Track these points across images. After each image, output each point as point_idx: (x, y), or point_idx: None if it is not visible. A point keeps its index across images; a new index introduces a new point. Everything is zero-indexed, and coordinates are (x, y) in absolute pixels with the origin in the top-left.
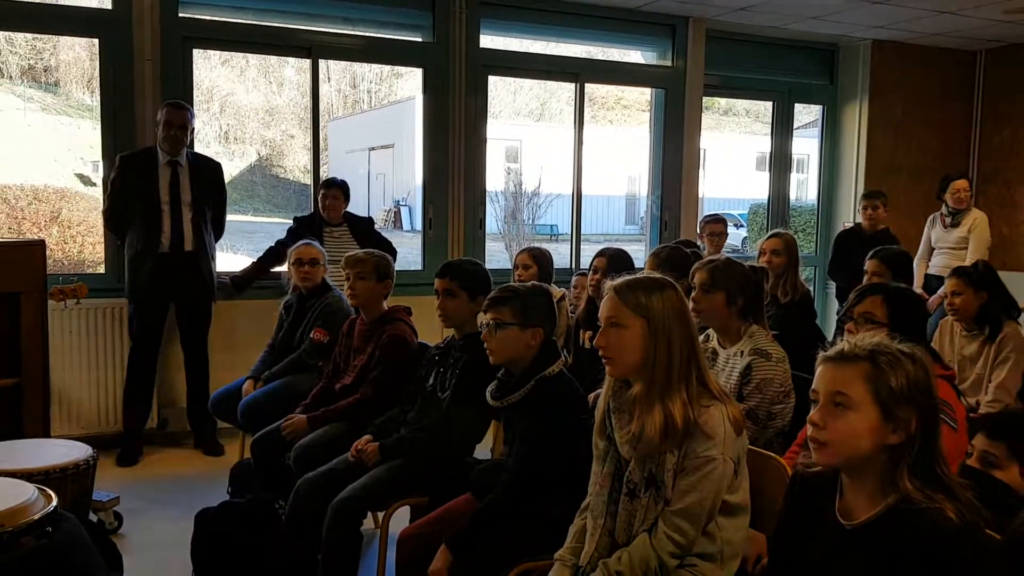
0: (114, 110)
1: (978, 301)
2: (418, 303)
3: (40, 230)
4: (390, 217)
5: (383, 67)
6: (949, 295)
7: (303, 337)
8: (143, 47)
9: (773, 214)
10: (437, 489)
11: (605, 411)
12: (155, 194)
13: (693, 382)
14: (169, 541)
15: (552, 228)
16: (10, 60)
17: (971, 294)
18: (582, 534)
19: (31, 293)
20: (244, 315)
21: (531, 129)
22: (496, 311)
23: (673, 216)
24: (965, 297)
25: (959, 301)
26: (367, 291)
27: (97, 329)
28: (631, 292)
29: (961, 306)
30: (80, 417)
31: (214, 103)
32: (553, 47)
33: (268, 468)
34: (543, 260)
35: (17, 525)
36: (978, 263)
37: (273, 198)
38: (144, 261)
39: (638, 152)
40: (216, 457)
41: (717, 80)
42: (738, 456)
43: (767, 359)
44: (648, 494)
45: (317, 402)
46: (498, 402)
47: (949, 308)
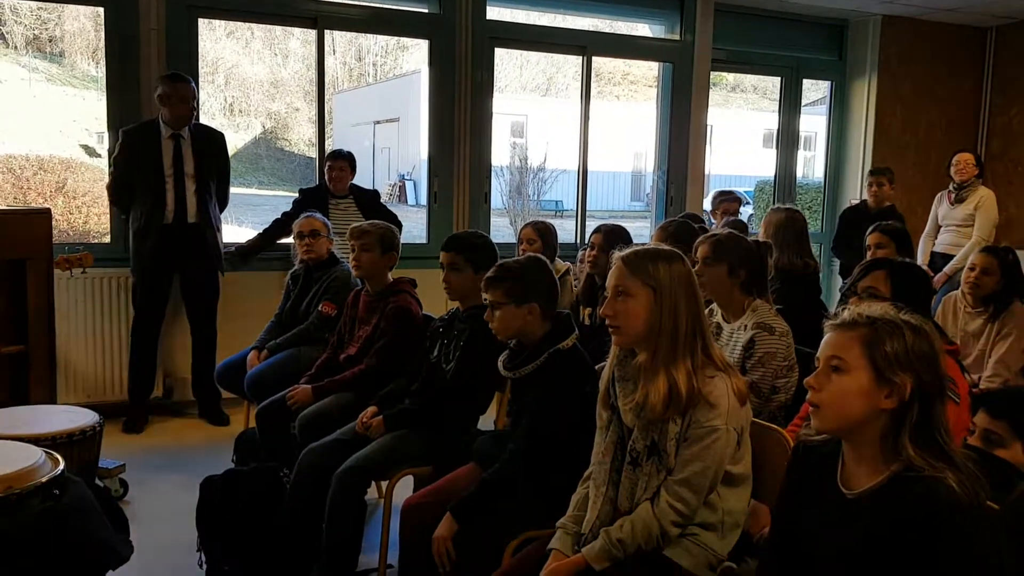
0: (119, 80)
1: (994, 281)
2: (423, 276)
3: (45, 200)
4: (395, 191)
5: (389, 40)
6: (978, 271)
7: (309, 308)
8: (148, 16)
9: (780, 191)
10: (440, 459)
11: (609, 380)
12: (158, 167)
13: (698, 352)
14: (174, 508)
15: (557, 204)
16: (15, 30)
17: (998, 275)
18: (584, 502)
19: (37, 261)
20: (250, 286)
21: (537, 104)
22: (491, 291)
23: (679, 191)
24: (994, 277)
25: (985, 280)
26: (372, 263)
27: (103, 298)
28: (639, 261)
29: (985, 283)
30: (86, 385)
31: (219, 75)
32: (560, 20)
33: (273, 437)
34: (547, 234)
35: (25, 487)
36: (1009, 249)
37: (278, 171)
38: (148, 234)
39: (644, 128)
40: (221, 427)
41: (725, 55)
42: (741, 427)
43: (770, 333)
44: (651, 463)
45: (322, 373)
46: (511, 373)
47: (970, 283)
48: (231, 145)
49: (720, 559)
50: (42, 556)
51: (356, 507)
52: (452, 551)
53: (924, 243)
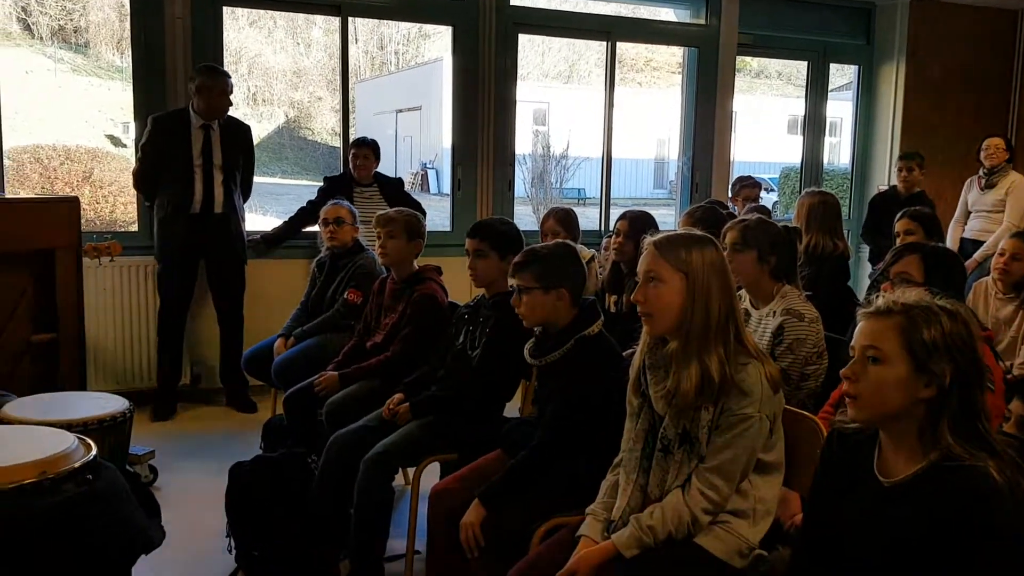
0: (144, 70)
1: None
2: (447, 264)
3: (73, 190)
4: (417, 180)
5: (410, 28)
6: (1008, 256)
7: (335, 296)
8: (173, 5)
9: (806, 177)
10: (467, 446)
11: (640, 367)
12: (187, 156)
13: (731, 339)
14: (203, 494)
15: (580, 192)
16: (40, 21)
17: None
18: (614, 489)
19: (66, 249)
20: (276, 274)
21: (559, 91)
22: (519, 276)
23: (704, 178)
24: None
25: (1016, 266)
26: (397, 250)
27: (131, 286)
28: (671, 247)
29: (1015, 269)
30: (115, 372)
31: (242, 65)
32: (584, 5)
33: (301, 424)
34: (569, 222)
35: (59, 472)
36: None
37: (301, 160)
38: (174, 222)
39: (667, 115)
40: (248, 414)
41: (751, 39)
42: (774, 414)
43: (800, 319)
44: (682, 450)
45: (349, 360)
46: (537, 360)
47: (1000, 269)
48: (255, 135)
49: (751, 547)
50: (75, 540)
51: (384, 493)
52: (480, 537)
53: (954, 229)
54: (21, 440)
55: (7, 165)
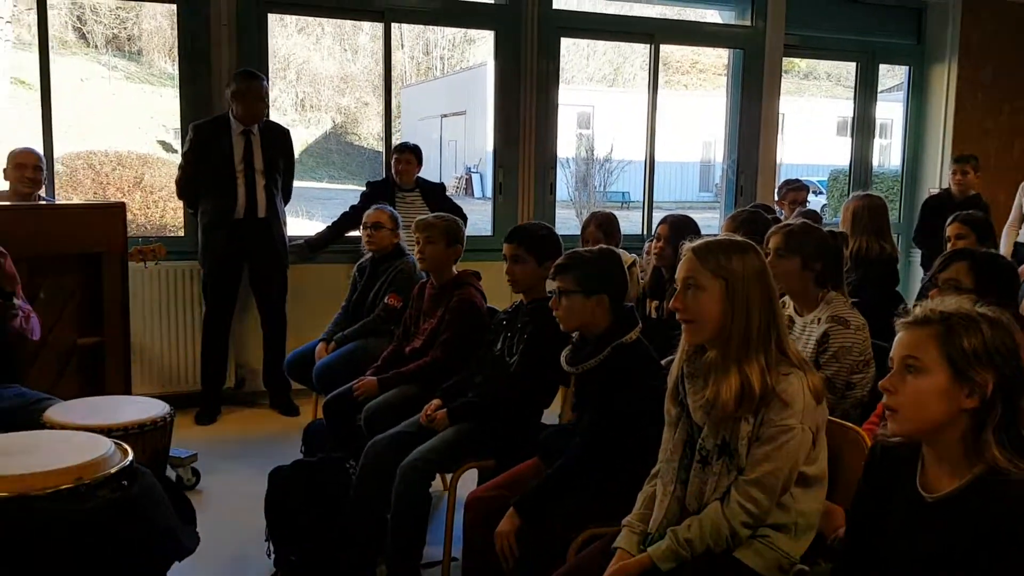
0: (191, 76)
1: None
2: (488, 268)
3: (124, 195)
4: (461, 184)
5: (456, 34)
6: None
7: (376, 300)
8: (219, 12)
9: (855, 180)
10: (504, 453)
11: (678, 376)
12: (229, 162)
13: (772, 348)
14: (244, 497)
15: (624, 195)
16: (95, 30)
17: None
18: (651, 501)
19: (112, 254)
20: (319, 278)
21: (604, 94)
22: (560, 278)
23: (750, 182)
24: None
25: None
26: (436, 255)
27: (176, 290)
28: (710, 253)
29: None
30: (160, 375)
31: (291, 71)
32: (628, 7)
33: (340, 428)
34: (610, 227)
35: (95, 478)
36: None
37: (347, 165)
38: (218, 228)
39: (712, 117)
40: (291, 417)
41: (797, 40)
42: (817, 426)
43: (845, 327)
44: (721, 462)
45: (387, 365)
46: (574, 368)
47: None
48: (302, 140)
49: (792, 561)
50: (109, 546)
51: (420, 500)
52: (515, 547)
53: (1007, 233)
54: (59, 445)
55: (60, 171)
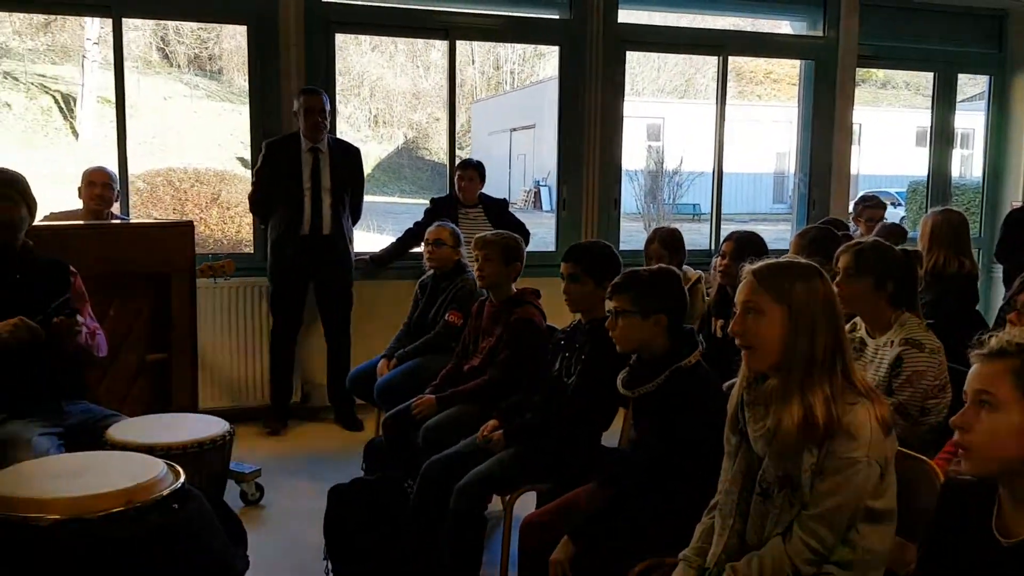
0: (261, 95)
1: None
2: (550, 285)
3: (201, 211)
4: (530, 198)
5: (526, 48)
6: None
7: (437, 317)
8: (288, 32)
9: (933, 192)
10: (561, 476)
11: (738, 404)
12: (298, 179)
13: (837, 377)
14: (306, 514)
15: (694, 207)
16: (178, 50)
17: None
18: (709, 533)
19: (181, 272)
20: (384, 294)
21: (674, 106)
22: (617, 298)
23: (822, 195)
24: None
25: None
26: (495, 273)
27: (246, 306)
28: (772, 277)
29: None
30: (230, 389)
31: (364, 88)
32: (695, 20)
33: (399, 446)
34: (674, 245)
35: (145, 501)
36: None
37: (418, 180)
38: (285, 244)
39: (786, 128)
40: (355, 432)
41: (872, 50)
42: (886, 459)
43: (920, 350)
44: (782, 495)
45: (446, 383)
46: (630, 392)
47: None
48: (375, 156)
49: None
50: (158, 570)
51: (476, 522)
52: (569, 575)
53: None
54: (112, 467)
55: (142, 188)
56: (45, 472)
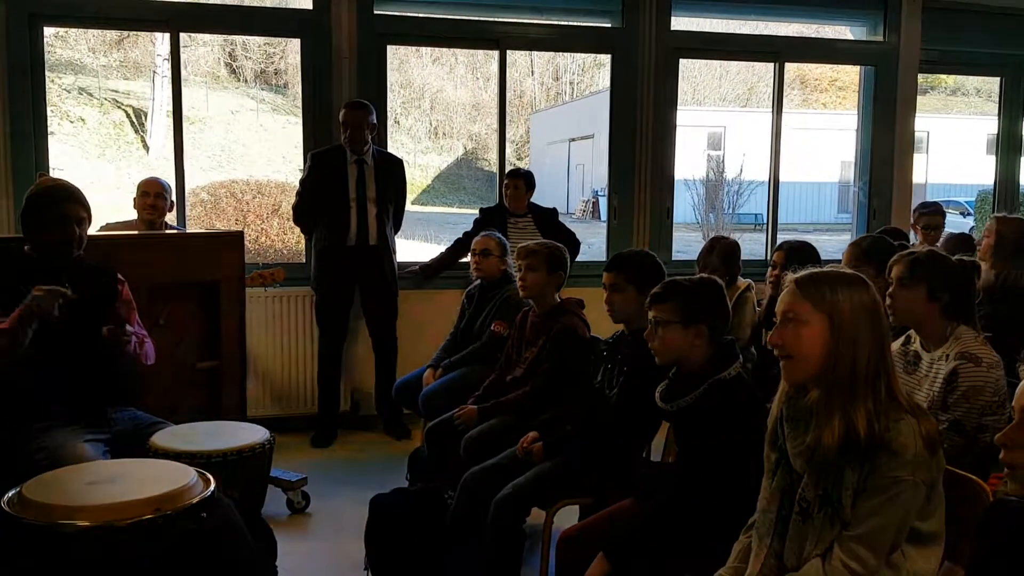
0: (313, 107)
1: None
2: (601, 295)
3: (262, 221)
4: (588, 207)
5: (586, 58)
6: None
7: (483, 327)
8: (341, 45)
9: (1000, 201)
10: (601, 490)
11: (778, 419)
12: (343, 191)
13: (881, 392)
14: (349, 523)
15: (756, 217)
16: (245, 65)
17: None
18: (746, 554)
19: (230, 281)
20: (433, 304)
21: (736, 115)
22: (657, 308)
23: (883, 204)
24: None
25: None
26: (538, 283)
27: (296, 315)
28: (814, 285)
29: None
30: (280, 398)
31: (425, 100)
32: (752, 26)
33: (441, 457)
34: (728, 256)
35: (175, 509)
36: None
37: (477, 190)
38: (331, 254)
39: (851, 136)
40: (403, 441)
41: (935, 55)
42: (932, 478)
43: (976, 364)
44: (822, 514)
45: (489, 393)
46: (668, 405)
47: None
48: (435, 167)
49: None
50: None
51: (514, 535)
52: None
53: None
54: (143, 475)
55: (205, 199)
56: (80, 478)
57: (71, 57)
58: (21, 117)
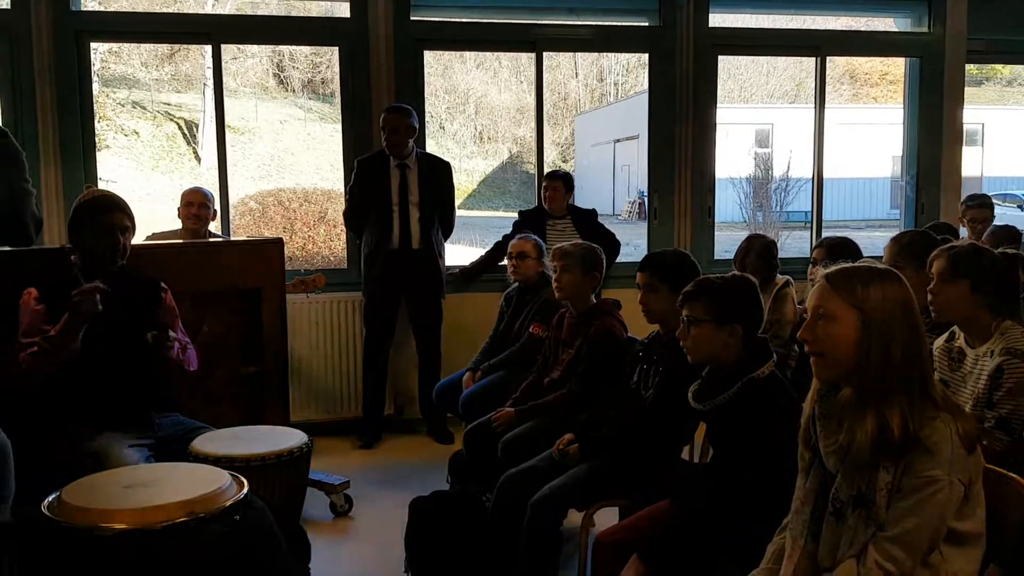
0: (352, 114)
1: None
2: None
3: (309, 229)
4: (634, 208)
5: (630, 59)
6: None
7: (521, 330)
8: (378, 52)
9: None
10: (638, 491)
11: (810, 417)
12: (386, 195)
13: (915, 389)
14: (391, 526)
15: (806, 215)
16: (293, 75)
17: None
18: (780, 555)
19: (271, 287)
20: (474, 307)
21: (783, 112)
22: (689, 306)
23: (932, 198)
24: None
25: None
26: (573, 284)
27: (340, 319)
28: (845, 280)
29: None
30: (325, 401)
31: (470, 105)
32: (792, 20)
33: (480, 459)
34: (765, 254)
35: (209, 512)
36: None
37: (523, 193)
38: (376, 258)
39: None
40: (446, 445)
41: (983, 45)
42: (970, 478)
43: (1022, 360)
44: (857, 515)
45: (527, 395)
46: (701, 405)
47: None
48: (480, 172)
49: None
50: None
51: (550, 538)
52: None
53: None
54: (178, 478)
55: (253, 208)
56: (117, 482)
57: (124, 72)
58: (71, 131)
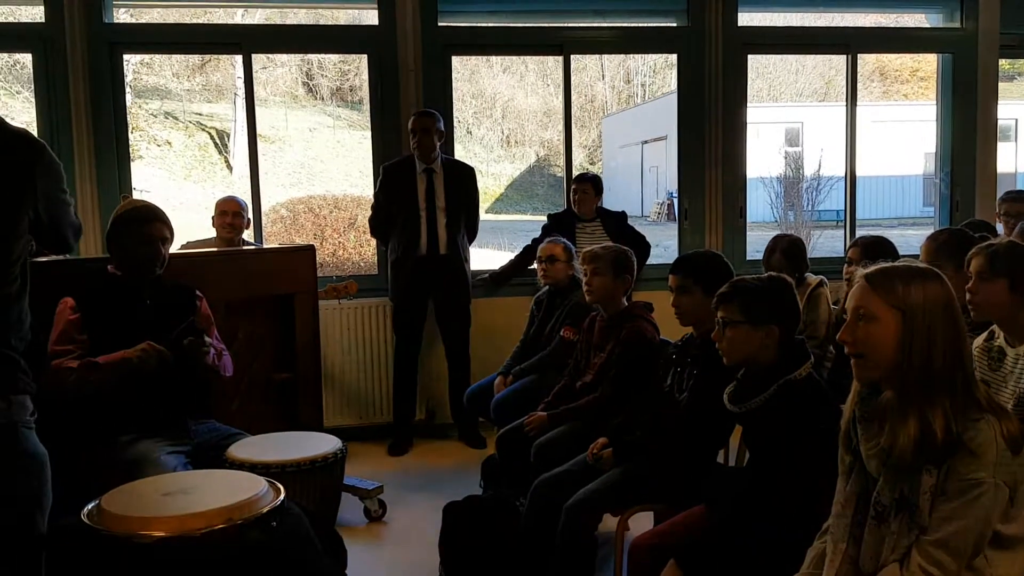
0: (381, 120)
1: None
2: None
3: (339, 235)
4: (663, 209)
5: (656, 59)
6: None
7: (552, 333)
8: (406, 59)
9: None
10: (674, 496)
11: (851, 420)
12: (413, 201)
13: (958, 390)
14: (425, 531)
15: (838, 214)
16: (321, 83)
17: None
18: (820, 560)
19: (303, 294)
20: (504, 311)
21: (814, 110)
22: (724, 308)
23: (967, 195)
24: None
25: None
26: (603, 287)
27: (370, 325)
28: (885, 280)
29: None
30: (357, 407)
31: (496, 109)
32: (821, 18)
33: (512, 463)
34: (794, 253)
35: (246, 518)
36: None
37: (551, 197)
38: (404, 264)
39: (934, 127)
40: (478, 449)
41: (1017, 39)
42: (1015, 480)
43: None
44: (899, 519)
45: (559, 399)
46: (736, 407)
47: None
48: (508, 176)
49: None
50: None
51: (585, 543)
52: None
53: None
54: (215, 485)
55: (284, 215)
56: (156, 490)
57: (157, 83)
58: (105, 141)
